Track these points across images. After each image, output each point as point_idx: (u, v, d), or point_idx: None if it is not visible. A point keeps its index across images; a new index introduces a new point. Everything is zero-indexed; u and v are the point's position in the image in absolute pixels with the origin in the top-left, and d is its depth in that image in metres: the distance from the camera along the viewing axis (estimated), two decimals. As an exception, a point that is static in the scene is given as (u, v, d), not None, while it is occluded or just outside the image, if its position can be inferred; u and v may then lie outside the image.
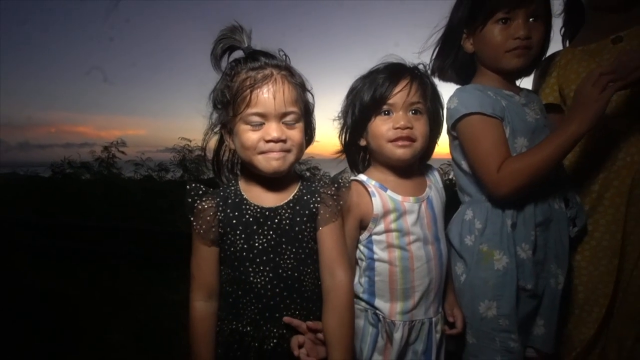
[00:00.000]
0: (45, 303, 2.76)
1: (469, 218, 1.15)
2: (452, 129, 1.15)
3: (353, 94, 1.10)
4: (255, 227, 0.93)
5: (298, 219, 0.94)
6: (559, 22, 1.37)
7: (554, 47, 1.27)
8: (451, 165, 1.25)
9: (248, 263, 0.93)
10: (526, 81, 1.24)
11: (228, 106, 0.92)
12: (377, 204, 1.04)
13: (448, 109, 1.13)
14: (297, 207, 0.95)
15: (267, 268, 0.92)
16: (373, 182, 1.08)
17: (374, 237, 1.06)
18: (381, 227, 1.05)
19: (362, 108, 1.07)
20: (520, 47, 1.08)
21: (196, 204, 0.95)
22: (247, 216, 0.94)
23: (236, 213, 0.94)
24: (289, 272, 0.93)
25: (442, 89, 1.15)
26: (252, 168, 0.94)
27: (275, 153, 0.90)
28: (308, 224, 0.94)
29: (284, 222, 0.94)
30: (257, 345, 0.92)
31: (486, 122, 1.08)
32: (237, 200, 0.96)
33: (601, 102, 0.97)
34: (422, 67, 1.13)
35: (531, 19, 1.08)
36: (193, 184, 0.97)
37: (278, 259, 0.93)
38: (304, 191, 0.97)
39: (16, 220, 4.58)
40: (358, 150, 1.15)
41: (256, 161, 0.91)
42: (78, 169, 5.36)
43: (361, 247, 1.08)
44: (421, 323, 1.06)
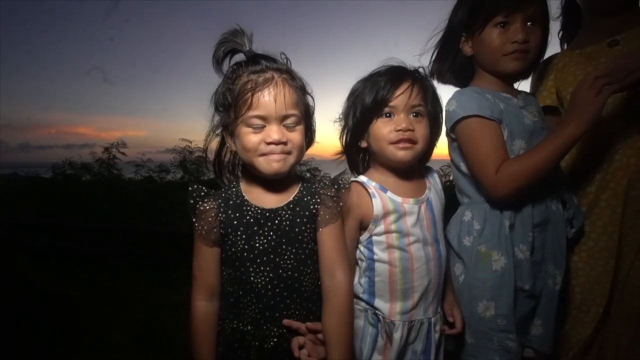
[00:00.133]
0: (45, 303, 2.74)
1: (468, 219, 1.15)
2: (451, 131, 1.15)
3: (354, 96, 1.10)
4: (255, 228, 0.94)
5: (298, 220, 0.95)
6: (557, 26, 1.38)
7: (552, 50, 1.28)
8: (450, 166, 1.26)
9: (249, 263, 0.93)
10: (524, 84, 1.25)
11: (229, 109, 0.93)
12: (377, 205, 1.05)
13: (447, 112, 1.14)
14: (297, 208, 0.95)
15: (268, 268, 0.93)
16: (373, 184, 1.08)
17: (374, 238, 1.06)
18: (381, 228, 1.05)
19: (364, 110, 1.07)
20: (518, 51, 1.08)
21: (198, 205, 0.95)
22: (248, 217, 0.94)
23: (237, 214, 0.95)
24: (289, 273, 0.94)
25: (441, 91, 1.15)
26: (253, 170, 0.95)
27: (276, 155, 0.91)
28: (308, 225, 0.95)
29: (284, 223, 0.94)
30: (258, 344, 0.92)
31: (484, 125, 1.08)
32: (238, 201, 0.96)
33: (597, 105, 0.97)
34: (422, 70, 1.13)
35: (529, 23, 1.08)
36: (195, 186, 0.97)
37: (278, 260, 0.93)
38: (304, 192, 0.97)
39: (17, 220, 4.57)
40: (358, 151, 1.15)
41: (257, 163, 0.92)
42: (79, 170, 5.34)
43: (361, 248, 1.08)
44: (420, 323, 1.06)
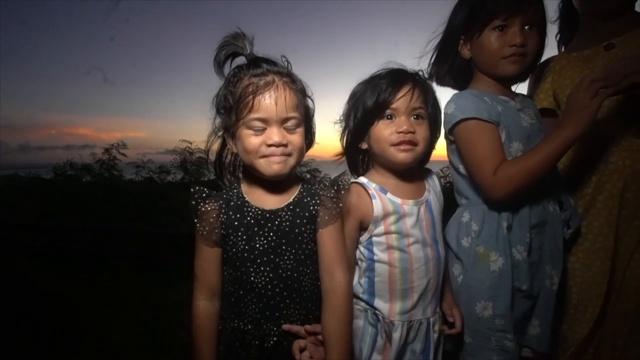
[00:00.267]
0: (46, 304, 2.75)
1: (466, 220, 1.16)
2: (449, 134, 1.16)
3: (355, 98, 1.11)
4: (256, 229, 0.94)
5: (298, 221, 0.95)
6: (555, 28, 1.39)
7: (549, 53, 1.29)
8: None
9: (249, 264, 0.94)
10: (521, 86, 1.26)
11: (231, 111, 0.93)
12: (378, 206, 1.05)
13: (445, 114, 1.15)
14: (297, 210, 0.96)
15: (268, 268, 0.94)
16: (373, 185, 1.09)
17: (374, 239, 1.07)
18: (381, 229, 1.06)
19: (365, 112, 1.07)
20: (516, 54, 1.09)
21: (200, 206, 0.96)
22: (249, 218, 0.95)
23: (238, 215, 0.95)
24: (289, 273, 0.94)
25: (439, 94, 1.16)
26: (254, 171, 0.95)
27: (276, 157, 0.91)
28: (308, 226, 0.95)
29: (284, 224, 0.95)
30: (258, 343, 0.93)
31: (482, 127, 1.09)
32: (239, 202, 0.97)
33: (593, 108, 0.98)
34: (422, 73, 1.14)
35: (527, 27, 1.09)
36: (197, 187, 0.98)
37: (278, 260, 0.94)
38: (304, 194, 0.98)
39: (17, 221, 4.58)
40: (358, 153, 1.16)
41: (258, 165, 0.93)
42: (79, 171, 5.35)
43: (361, 248, 1.09)
44: (419, 323, 1.06)
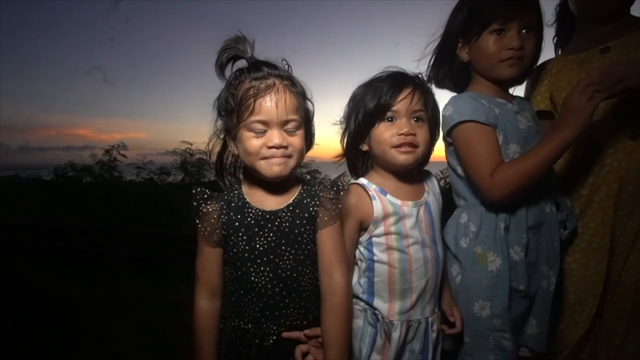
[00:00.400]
0: (46, 304, 2.75)
1: (464, 221, 1.17)
2: (448, 136, 1.17)
3: (356, 101, 1.12)
4: (256, 230, 0.95)
5: (298, 222, 0.96)
6: (552, 32, 1.40)
7: (547, 55, 1.30)
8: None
9: (249, 264, 0.95)
10: (519, 88, 1.27)
11: (232, 114, 0.94)
12: (378, 207, 1.06)
13: (443, 117, 1.16)
14: (297, 211, 0.97)
15: (267, 268, 0.95)
16: (373, 186, 1.09)
17: (374, 239, 1.08)
18: (381, 230, 1.07)
19: (366, 114, 1.08)
20: (513, 57, 1.10)
21: (201, 207, 0.97)
22: (249, 219, 0.96)
23: (239, 216, 0.96)
24: (288, 273, 0.95)
25: (437, 96, 1.17)
26: (255, 173, 0.96)
27: (277, 159, 0.93)
28: (307, 227, 0.96)
29: (284, 225, 0.96)
30: (258, 341, 0.94)
31: (480, 130, 1.10)
32: (240, 203, 0.98)
33: (588, 111, 1.00)
34: (422, 76, 1.15)
35: (524, 31, 1.11)
36: (199, 188, 0.99)
37: (278, 260, 0.95)
38: (304, 195, 0.99)
39: (18, 222, 4.58)
40: (359, 155, 1.17)
41: (259, 166, 0.94)
42: (80, 172, 5.36)
43: (361, 249, 1.10)
44: (418, 323, 1.07)
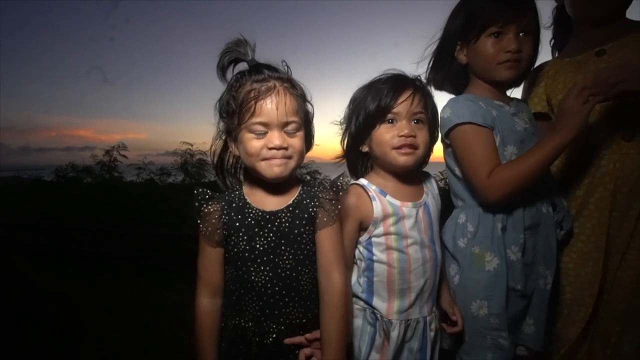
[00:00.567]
0: (46, 304, 2.76)
1: (462, 222, 1.18)
2: (446, 137, 1.18)
3: (356, 103, 1.13)
4: (256, 230, 0.97)
5: (297, 222, 0.97)
6: (549, 34, 1.42)
7: (544, 57, 1.31)
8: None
9: (250, 263, 0.96)
10: (516, 90, 1.28)
11: (233, 115, 0.95)
12: (377, 208, 1.08)
13: (442, 119, 1.17)
14: (297, 211, 0.98)
15: (267, 268, 0.96)
16: (373, 187, 1.11)
17: (374, 239, 1.09)
18: (380, 230, 1.08)
19: (367, 116, 1.09)
20: (511, 60, 1.12)
21: (203, 208, 0.98)
22: (249, 219, 0.97)
23: (239, 216, 0.98)
24: (288, 272, 0.97)
25: (436, 98, 1.18)
26: (255, 174, 0.98)
27: (277, 160, 0.94)
28: (307, 227, 0.98)
29: (284, 225, 0.97)
30: (258, 339, 0.96)
31: (477, 132, 1.12)
32: (241, 204, 0.99)
33: (583, 114, 1.01)
34: (421, 78, 1.16)
35: (522, 34, 1.12)
36: (200, 189, 1.00)
37: (277, 260, 0.96)
38: (304, 195, 1.00)
39: (19, 222, 4.59)
40: (359, 156, 1.18)
41: (259, 167, 0.95)
42: (80, 173, 5.37)
43: (360, 249, 1.11)
44: (416, 322, 1.09)
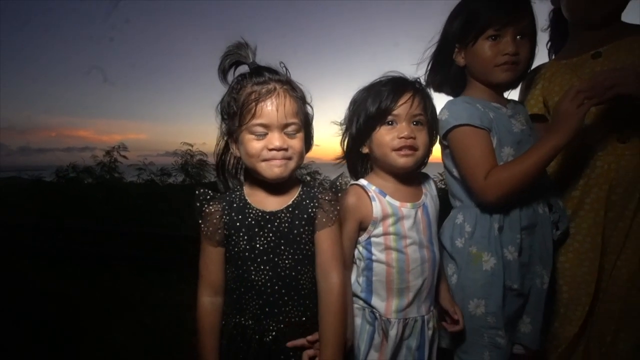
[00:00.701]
0: (46, 304, 2.77)
1: (460, 222, 1.20)
2: (443, 139, 1.20)
3: (357, 105, 1.14)
4: (256, 230, 0.98)
5: (297, 223, 0.99)
6: (546, 36, 1.43)
7: (541, 59, 1.33)
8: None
9: (250, 262, 0.98)
10: (513, 92, 1.29)
11: (234, 117, 0.97)
12: (377, 208, 1.09)
13: (439, 120, 1.18)
14: (296, 212, 0.99)
15: (267, 267, 0.97)
16: (373, 187, 1.12)
17: (373, 239, 1.10)
18: (380, 230, 1.09)
19: (367, 118, 1.10)
20: (508, 62, 1.13)
21: (204, 208, 1.00)
22: (250, 219, 0.99)
23: (240, 216, 0.99)
24: (287, 272, 0.98)
25: (434, 100, 1.19)
26: (256, 174, 0.99)
27: (277, 160, 0.96)
28: (306, 228, 0.99)
29: (283, 225, 0.98)
30: (258, 337, 0.97)
31: (475, 133, 1.13)
32: (241, 204, 1.01)
33: (578, 117, 1.03)
34: (420, 80, 1.17)
35: (519, 37, 1.13)
36: (202, 190, 1.01)
37: (277, 259, 0.98)
38: (304, 196, 1.02)
39: (20, 223, 4.60)
40: (359, 157, 1.19)
41: (259, 168, 0.97)
42: (81, 173, 5.38)
43: (360, 248, 1.12)
44: (414, 320, 1.10)
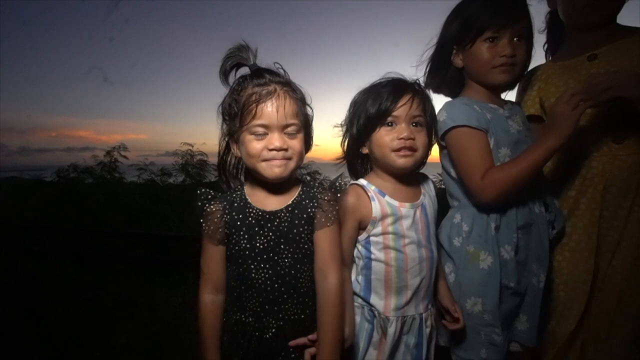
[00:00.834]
0: (47, 305, 2.78)
1: (457, 221, 1.21)
2: (441, 140, 1.21)
3: (357, 106, 1.15)
4: (257, 229, 1.00)
5: (296, 222, 1.00)
6: (543, 38, 1.44)
7: (537, 61, 1.34)
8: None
9: (250, 261, 0.99)
10: (510, 93, 1.31)
11: (235, 118, 0.99)
12: (376, 208, 1.10)
13: (437, 121, 1.19)
14: (296, 211, 1.01)
15: (267, 266, 0.99)
16: (372, 187, 1.13)
17: (372, 239, 1.11)
18: (379, 230, 1.10)
19: (367, 119, 1.11)
20: (505, 64, 1.15)
21: (205, 207, 1.01)
22: (250, 218, 1.00)
23: (240, 215, 1.01)
24: (287, 270, 0.99)
25: (433, 101, 1.21)
26: (256, 174, 1.01)
27: (277, 161, 0.97)
28: (305, 227, 1.00)
29: (283, 225, 1.00)
30: (258, 334, 0.99)
31: (472, 134, 1.15)
32: (242, 204, 1.02)
33: (573, 119, 1.04)
34: (419, 82, 1.18)
35: (516, 39, 1.15)
36: (203, 189, 1.03)
37: (277, 258, 0.99)
38: (303, 196, 1.03)
39: (20, 224, 4.62)
40: (359, 157, 1.20)
41: (260, 168, 0.98)
42: (81, 173, 5.38)
43: (359, 247, 1.13)
44: (412, 318, 1.11)
